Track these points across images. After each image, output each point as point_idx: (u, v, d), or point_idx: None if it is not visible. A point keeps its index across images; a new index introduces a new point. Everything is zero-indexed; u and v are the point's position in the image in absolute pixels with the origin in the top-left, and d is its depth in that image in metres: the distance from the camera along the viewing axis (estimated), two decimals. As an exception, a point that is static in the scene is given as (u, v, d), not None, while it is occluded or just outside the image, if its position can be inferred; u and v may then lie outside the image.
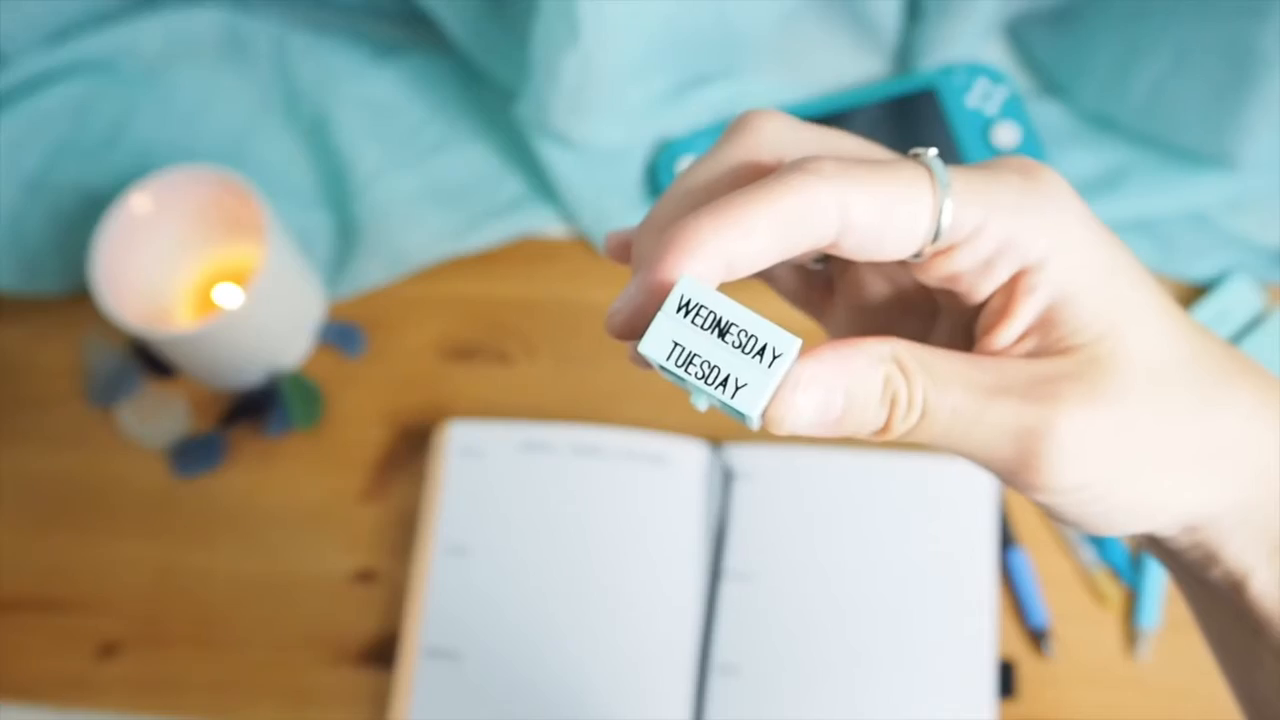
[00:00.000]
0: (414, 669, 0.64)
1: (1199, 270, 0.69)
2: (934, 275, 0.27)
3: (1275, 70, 0.62)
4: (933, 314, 0.31)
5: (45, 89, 0.79)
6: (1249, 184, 0.69)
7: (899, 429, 0.26)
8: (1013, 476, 0.26)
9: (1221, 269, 0.69)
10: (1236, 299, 0.68)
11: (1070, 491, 0.26)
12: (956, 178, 0.26)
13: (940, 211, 0.25)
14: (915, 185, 0.25)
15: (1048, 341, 0.26)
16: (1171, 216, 0.71)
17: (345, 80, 0.78)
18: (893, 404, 0.25)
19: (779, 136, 0.28)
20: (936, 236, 0.26)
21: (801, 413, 0.25)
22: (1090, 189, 0.71)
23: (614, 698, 0.62)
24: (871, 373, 0.25)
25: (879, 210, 0.25)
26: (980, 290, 0.27)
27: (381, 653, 0.66)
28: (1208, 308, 0.68)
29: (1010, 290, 0.27)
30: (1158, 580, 0.63)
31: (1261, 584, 0.28)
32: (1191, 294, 0.70)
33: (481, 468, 0.68)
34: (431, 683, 0.63)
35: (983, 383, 0.26)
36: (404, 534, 0.69)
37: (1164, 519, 0.28)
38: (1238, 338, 0.67)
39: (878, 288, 0.32)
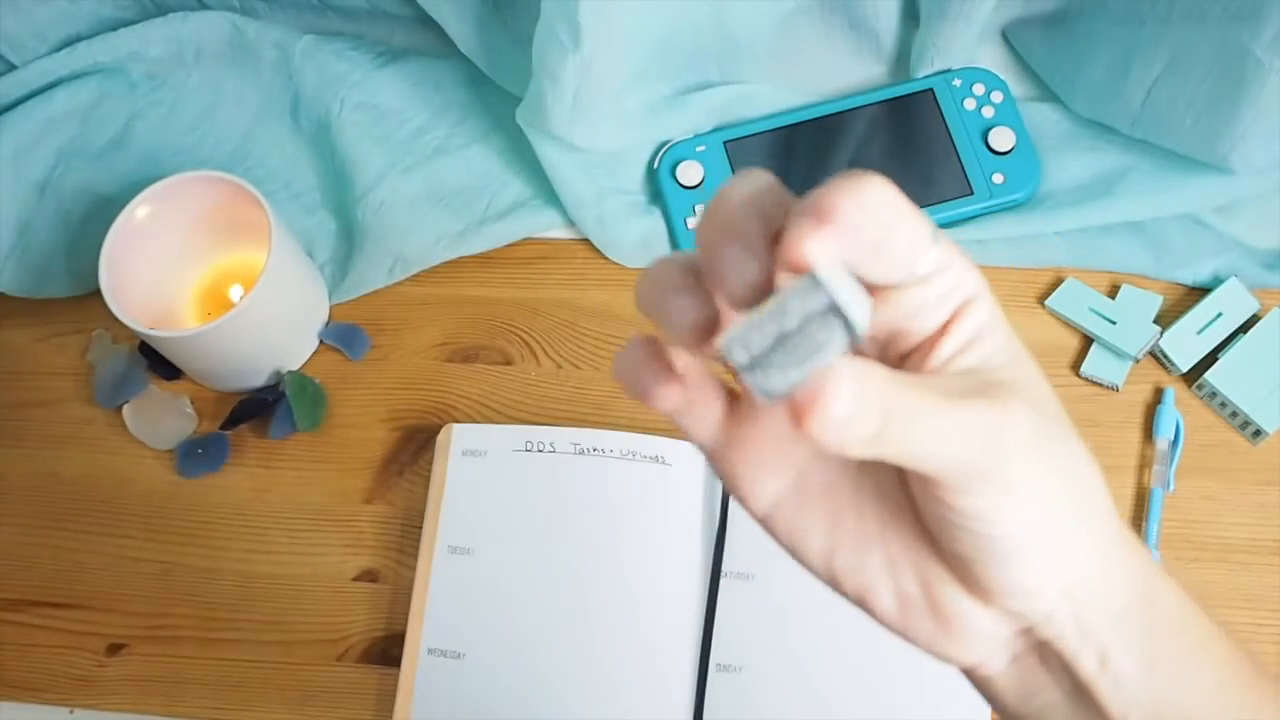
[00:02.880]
0: (417, 668, 0.64)
1: (1193, 274, 0.70)
2: (910, 303, 0.29)
3: (1268, 76, 0.62)
4: None
5: (53, 94, 0.80)
6: (1243, 188, 0.69)
7: (893, 434, 0.25)
8: (971, 476, 0.27)
9: (1214, 273, 0.70)
10: (1231, 302, 0.68)
11: (1022, 487, 0.27)
12: None
13: (937, 238, 0.28)
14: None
15: (974, 360, 0.29)
16: (1165, 220, 0.71)
17: (349, 84, 0.79)
18: (889, 412, 0.25)
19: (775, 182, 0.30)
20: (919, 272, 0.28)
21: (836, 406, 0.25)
22: (1085, 193, 0.72)
23: (615, 696, 0.63)
24: (872, 373, 0.26)
25: (917, 218, 0.27)
26: (933, 320, 0.29)
27: (384, 652, 0.67)
28: (1203, 310, 0.68)
29: (948, 319, 0.29)
30: (1153, 580, 0.63)
31: (1118, 663, 0.30)
32: (1185, 297, 0.70)
33: (483, 468, 0.68)
34: (434, 682, 0.64)
35: (947, 389, 0.27)
36: (406, 534, 0.69)
37: (1068, 558, 0.29)
38: (1232, 341, 0.68)
39: None
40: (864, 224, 0.25)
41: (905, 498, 0.30)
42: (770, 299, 0.25)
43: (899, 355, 0.30)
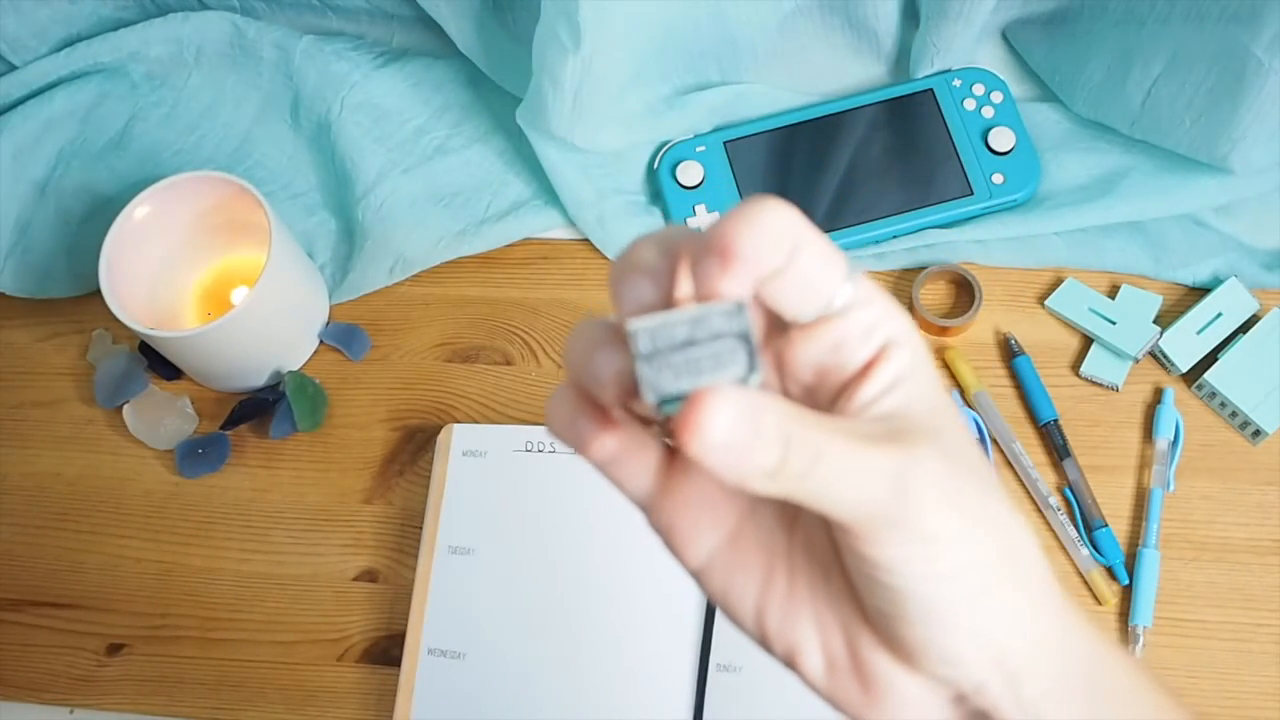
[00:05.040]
0: (417, 668, 0.64)
1: (1192, 274, 0.70)
2: (830, 336, 0.28)
3: (1268, 76, 0.62)
4: None
5: (53, 94, 0.80)
6: (1242, 188, 0.69)
7: (795, 470, 0.25)
8: (879, 522, 0.27)
9: (1214, 273, 0.70)
10: (1231, 302, 0.68)
11: (934, 540, 0.27)
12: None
13: (854, 276, 0.28)
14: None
15: (893, 404, 0.28)
16: (1165, 220, 0.71)
17: (349, 85, 0.79)
18: (788, 445, 0.25)
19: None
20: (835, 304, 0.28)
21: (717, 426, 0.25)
22: (1085, 193, 0.72)
23: (615, 696, 0.63)
24: (771, 404, 0.26)
25: (825, 245, 0.27)
26: (856, 357, 0.28)
27: (384, 652, 0.67)
28: (1203, 311, 0.68)
29: (870, 360, 0.29)
30: (1152, 580, 0.63)
31: None
32: (1185, 297, 0.70)
33: (483, 468, 0.68)
34: (434, 682, 0.64)
35: (855, 431, 0.27)
36: (406, 534, 0.69)
37: (994, 622, 0.28)
38: (1232, 341, 0.68)
39: None
40: (764, 252, 0.26)
41: (835, 557, 0.30)
42: (689, 305, 0.26)
43: (828, 400, 0.29)
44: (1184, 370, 0.68)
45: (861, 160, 0.74)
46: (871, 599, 0.29)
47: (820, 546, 0.31)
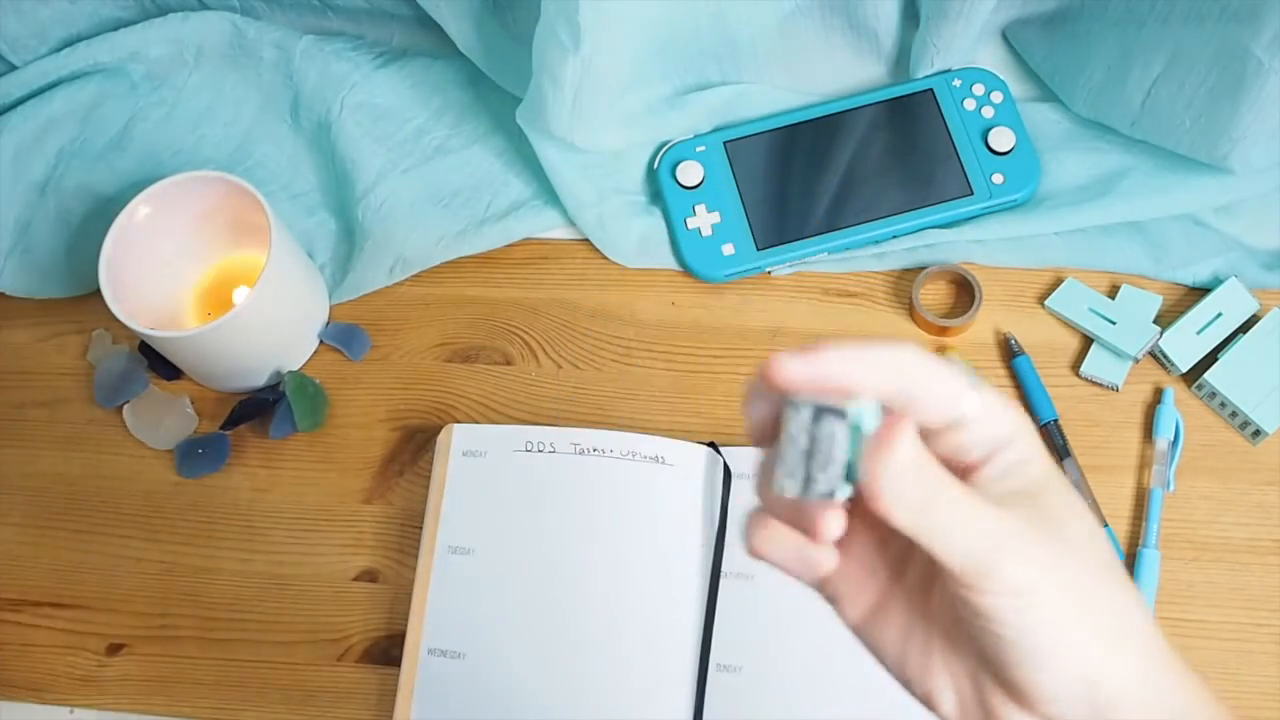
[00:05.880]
0: (417, 668, 0.64)
1: (1192, 274, 0.70)
2: (954, 442, 0.34)
3: (1268, 76, 0.62)
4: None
5: (53, 94, 0.80)
6: (1242, 188, 0.69)
7: (941, 503, 0.31)
8: (979, 571, 0.31)
9: (1214, 273, 0.70)
10: (1231, 302, 0.68)
11: (1024, 592, 0.31)
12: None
13: (980, 393, 0.34)
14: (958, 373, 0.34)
15: (1008, 485, 0.33)
16: (1165, 220, 0.71)
17: (349, 85, 0.79)
18: (927, 485, 0.31)
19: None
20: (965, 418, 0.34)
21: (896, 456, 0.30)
22: (1085, 193, 0.72)
23: (615, 696, 0.63)
24: (923, 448, 0.31)
25: (947, 378, 0.33)
26: (973, 456, 0.34)
27: (384, 652, 0.67)
28: (1203, 311, 0.68)
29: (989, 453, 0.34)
30: (1152, 580, 0.63)
31: None
32: (1185, 297, 0.70)
33: (483, 468, 0.68)
34: (434, 681, 0.64)
35: (969, 490, 0.32)
36: (406, 534, 0.69)
37: (1094, 668, 0.32)
38: (1232, 341, 0.68)
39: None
40: (879, 375, 0.31)
41: (957, 616, 0.34)
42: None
43: None
44: (1184, 370, 0.68)
45: (861, 160, 0.74)
46: (980, 645, 0.33)
47: (948, 608, 0.35)
